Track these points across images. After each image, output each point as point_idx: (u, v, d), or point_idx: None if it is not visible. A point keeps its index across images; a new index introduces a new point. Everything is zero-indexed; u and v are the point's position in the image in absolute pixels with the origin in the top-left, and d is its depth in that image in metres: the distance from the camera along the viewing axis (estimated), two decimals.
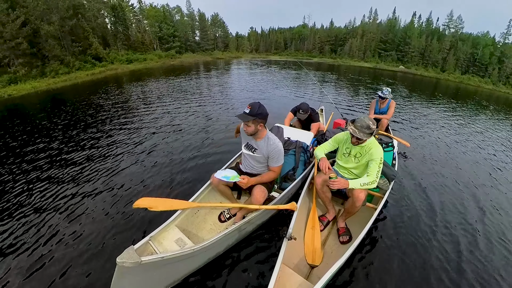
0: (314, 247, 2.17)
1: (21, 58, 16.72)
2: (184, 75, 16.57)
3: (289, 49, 54.37)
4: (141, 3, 34.70)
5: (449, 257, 2.53)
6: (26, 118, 7.81)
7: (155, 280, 1.77)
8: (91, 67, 20.61)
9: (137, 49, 30.38)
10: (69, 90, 12.84)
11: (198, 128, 6.06)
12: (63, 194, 3.41)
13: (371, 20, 49.50)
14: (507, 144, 6.81)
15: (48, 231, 2.72)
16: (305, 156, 3.20)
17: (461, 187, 3.93)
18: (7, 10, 16.17)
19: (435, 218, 3.12)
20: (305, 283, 1.80)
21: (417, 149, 5.38)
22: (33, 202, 3.25)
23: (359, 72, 25.42)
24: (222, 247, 2.23)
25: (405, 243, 2.65)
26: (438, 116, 9.16)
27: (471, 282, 2.28)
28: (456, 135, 7.02)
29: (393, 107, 4.82)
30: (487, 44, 41.04)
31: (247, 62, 30.02)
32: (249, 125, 2.14)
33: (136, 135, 5.63)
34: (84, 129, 6.12)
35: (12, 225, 2.85)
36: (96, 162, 4.38)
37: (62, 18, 19.73)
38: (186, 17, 42.75)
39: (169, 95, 10.18)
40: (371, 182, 2.17)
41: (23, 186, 3.63)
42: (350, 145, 2.45)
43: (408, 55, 42.88)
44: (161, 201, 1.95)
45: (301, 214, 2.53)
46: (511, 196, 3.93)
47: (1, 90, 13.27)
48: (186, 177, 3.78)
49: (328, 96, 9.01)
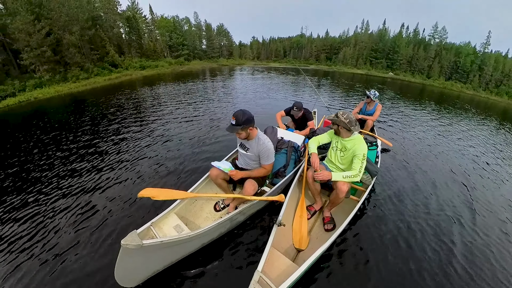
0: (301, 233, 2.23)
1: (45, 64, 16.86)
2: (192, 80, 16.58)
3: (288, 57, 54.09)
4: (153, 15, 34.83)
5: (421, 244, 2.59)
6: (51, 117, 7.94)
7: (154, 260, 1.83)
8: (108, 73, 20.68)
9: (149, 57, 30.39)
10: (89, 93, 12.90)
11: (202, 126, 6.11)
12: (80, 184, 3.49)
13: (363, 31, 49.16)
14: (484, 143, 6.85)
15: (67, 213, 2.85)
16: (296, 155, 3.22)
17: (439, 185, 3.92)
18: (33, 21, 16.28)
19: (411, 211, 3.14)
20: (291, 265, 1.85)
21: (400, 148, 5.37)
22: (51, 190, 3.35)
23: (352, 78, 25.24)
24: (215, 234, 2.26)
25: (383, 232, 2.69)
26: (423, 118, 9.11)
27: (440, 261, 2.38)
28: (438, 135, 7.01)
29: (379, 110, 4.82)
30: (468, 53, 40.74)
31: (249, 69, 29.94)
32: (239, 133, 2.17)
33: (146, 132, 5.71)
34: (101, 127, 6.20)
35: (40, 206, 2.97)
36: (110, 155, 4.49)
37: (82, 28, 19.79)
38: (194, 27, 42.68)
39: (178, 97, 10.22)
40: (353, 175, 2.19)
41: (50, 173, 3.73)
42: (338, 140, 2.48)
43: (396, 62, 42.57)
44: (162, 191, 2.02)
45: (291, 204, 2.57)
46: (486, 187, 4.04)
47: (28, 94, 13.43)
48: (187, 170, 3.83)
49: (321, 98, 9.05)
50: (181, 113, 7.46)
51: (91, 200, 3.11)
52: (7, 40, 16.40)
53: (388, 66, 43.37)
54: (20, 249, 2.38)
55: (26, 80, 15.48)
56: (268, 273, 1.68)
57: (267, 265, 1.70)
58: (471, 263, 2.40)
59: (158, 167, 3.97)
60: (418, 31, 46.56)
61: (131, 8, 31.16)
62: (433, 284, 2.13)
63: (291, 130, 3.77)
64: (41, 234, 2.56)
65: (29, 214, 2.89)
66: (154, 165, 4.02)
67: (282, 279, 1.58)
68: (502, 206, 3.52)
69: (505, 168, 5.10)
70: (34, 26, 16.24)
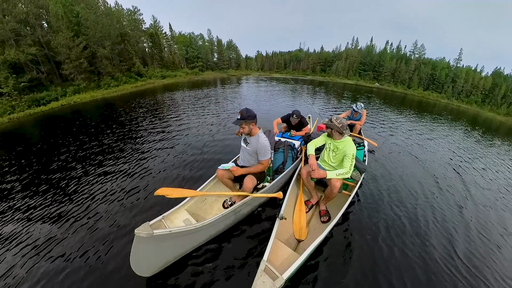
0: (301, 225, 2.18)
1: (82, 74, 16.97)
2: (205, 88, 16.54)
3: (288, 68, 53.62)
4: (172, 32, 34.71)
5: (404, 228, 2.63)
6: (86, 118, 8.02)
7: (165, 251, 1.76)
8: (135, 81, 20.76)
9: (169, 68, 30.41)
10: (119, 98, 13.00)
11: (212, 129, 6.01)
12: (106, 181, 3.47)
13: (353, 46, 48.30)
14: (455, 142, 6.91)
15: (96, 203, 2.87)
16: (293, 153, 3.18)
17: (417, 178, 3.94)
18: (73, 37, 16.45)
19: (396, 201, 3.12)
20: (293, 254, 1.81)
21: (385, 147, 5.32)
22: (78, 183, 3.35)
23: (343, 88, 24.95)
24: (221, 226, 2.17)
25: (372, 221, 2.66)
26: (405, 122, 8.99)
27: (419, 241, 2.45)
28: (418, 135, 7.03)
29: (364, 115, 4.73)
30: (443, 67, 40.13)
31: (254, 78, 29.78)
32: (243, 126, 2.14)
33: (164, 133, 5.66)
34: (127, 127, 6.21)
35: (74, 195, 2.98)
36: (133, 155, 4.42)
37: (113, 43, 19.92)
38: (207, 42, 42.38)
39: (192, 102, 10.20)
40: (345, 172, 2.15)
41: (83, 166, 3.77)
42: (331, 142, 2.43)
43: (382, 74, 41.93)
44: (175, 190, 1.97)
45: (291, 199, 2.53)
46: (455, 177, 4.15)
47: (69, 98, 13.74)
48: (197, 170, 3.68)
49: (313, 106, 8.95)
50: (195, 116, 7.41)
51: (117, 195, 3.07)
52: (51, 53, 16.57)
53: (374, 77, 42.77)
54: (71, 227, 2.38)
55: (67, 87, 15.66)
56: (273, 262, 1.64)
57: (271, 254, 1.66)
58: (444, 239, 2.55)
59: (174, 167, 3.80)
60: (400, 47, 45.95)
61: (153, 26, 31.12)
62: (413, 260, 2.21)
63: (286, 134, 3.70)
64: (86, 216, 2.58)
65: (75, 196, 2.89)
66: (170, 167, 3.85)
67: (286, 267, 1.54)
68: (463, 189, 3.84)
69: (470, 163, 5.29)
70: (74, 41, 16.40)
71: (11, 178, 3.75)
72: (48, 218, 2.66)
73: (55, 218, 2.64)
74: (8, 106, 11.91)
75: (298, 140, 3.44)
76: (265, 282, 1.40)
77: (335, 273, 1.96)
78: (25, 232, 2.43)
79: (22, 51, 14.33)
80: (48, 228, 2.49)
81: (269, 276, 1.44)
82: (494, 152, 6.96)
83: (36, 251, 2.16)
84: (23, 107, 12.19)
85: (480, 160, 5.69)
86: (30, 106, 12.53)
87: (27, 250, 2.19)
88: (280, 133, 3.74)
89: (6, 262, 2.06)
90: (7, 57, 13.48)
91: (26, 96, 13.21)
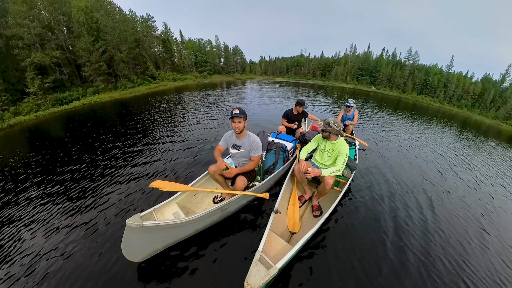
0: (294, 219, 2.18)
1: (101, 76, 17.17)
2: (213, 90, 16.55)
3: (290, 73, 53.11)
4: (182, 38, 34.67)
5: (391, 221, 2.62)
6: (106, 116, 8.19)
7: (154, 240, 1.75)
8: (148, 83, 20.88)
9: (179, 71, 30.43)
10: (134, 99, 13.10)
11: (213, 127, 5.98)
12: (112, 172, 3.50)
13: (351, 53, 47.60)
14: (444, 143, 6.78)
15: (102, 192, 2.89)
16: (284, 155, 3.07)
17: (404, 177, 3.88)
18: (93, 42, 16.63)
19: (384, 197, 3.10)
20: (287, 245, 1.81)
21: (375, 147, 5.24)
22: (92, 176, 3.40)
23: (341, 91, 24.65)
24: (207, 221, 2.09)
25: (361, 216, 2.65)
26: (398, 124, 8.85)
27: (403, 232, 2.46)
28: (409, 135, 6.92)
29: (357, 115, 4.73)
30: (436, 73, 39.27)
31: (258, 82, 29.63)
32: (240, 121, 2.12)
33: (172, 130, 5.67)
34: (141, 124, 6.22)
35: (84, 187, 3.02)
36: (143, 149, 4.43)
37: (129, 48, 20.04)
38: (214, 48, 42.25)
39: (200, 103, 10.21)
40: (337, 170, 2.15)
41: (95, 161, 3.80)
42: (325, 143, 2.41)
43: (378, 79, 41.21)
44: (169, 184, 1.96)
45: (285, 194, 2.52)
46: (440, 175, 4.16)
47: (89, 98, 13.97)
48: (191, 166, 3.58)
49: (308, 107, 8.82)
50: (201, 115, 7.39)
51: (115, 186, 3.07)
52: (72, 56, 16.80)
53: (371, 82, 42.12)
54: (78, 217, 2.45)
55: (87, 88, 15.88)
56: (268, 252, 1.65)
57: (266, 245, 1.66)
58: (428, 232, 2.57)
59: (171, 162, 3.76)
60: (396, 54, 45.08)
61: (165, 32, 31.15)
62: (397, 245, 2.27)
63: (282, 135, 3.56)
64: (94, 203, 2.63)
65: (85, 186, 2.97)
66: (167, 161, 3.81)
67: (279, 257, 1.55)
68: (451, 186, 3.86)
69: (457, 160, 5.37)
70: (94, 46, 16.58)
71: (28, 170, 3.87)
72: (67, 198, 2.79)
73: (74, 199, 2.73)
74: (34, 104, 12.18)
75: (291, 142, 3.33)
76: (259, 271, 1.41)
77: (326, 263, 1.97)
78: (43, 212, 2.54)
79: (47, 54, 14.58)
80: (63, 206, 2.63)
81: (264, 265, 1.45)
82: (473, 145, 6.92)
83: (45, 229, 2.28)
84: (48, 105, 12.44)
85: (470, 159, 5.70)
86: (54, 104, 12.78)
87: (39, 226, 2.31)
88: (274, 134, 3.60)
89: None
90: (34, 59, 13.75)
91: (50, 96, 13.46)
